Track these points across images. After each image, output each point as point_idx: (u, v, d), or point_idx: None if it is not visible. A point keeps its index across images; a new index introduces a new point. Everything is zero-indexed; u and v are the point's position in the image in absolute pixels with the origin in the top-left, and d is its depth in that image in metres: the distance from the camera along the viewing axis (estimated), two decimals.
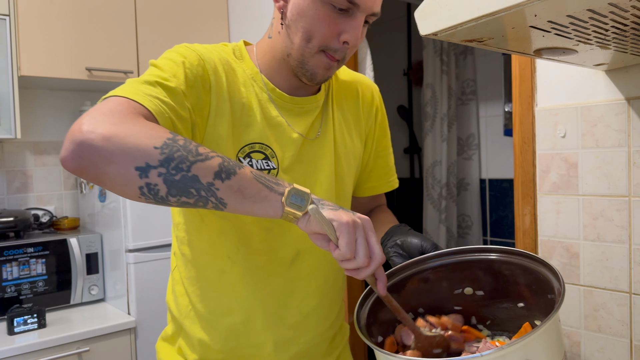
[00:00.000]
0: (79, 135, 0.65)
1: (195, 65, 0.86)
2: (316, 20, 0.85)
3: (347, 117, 1.04)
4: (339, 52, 0.88)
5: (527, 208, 1.40)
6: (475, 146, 3.05)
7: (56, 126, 2.39)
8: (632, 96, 1.20)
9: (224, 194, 0.69)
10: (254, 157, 0.90)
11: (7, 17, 1.93)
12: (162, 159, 0.66)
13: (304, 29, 0.86)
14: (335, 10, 0.85)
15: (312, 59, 0.88)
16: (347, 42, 0.87)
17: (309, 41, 0.87)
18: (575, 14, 0.70)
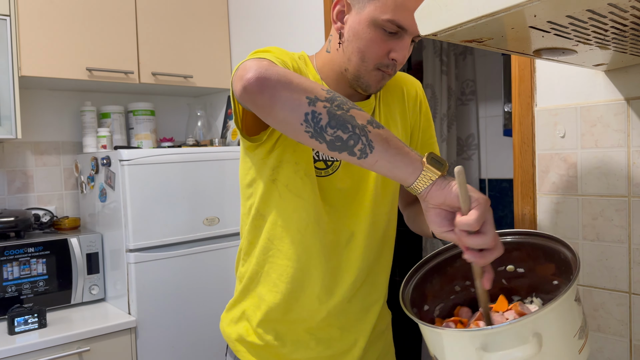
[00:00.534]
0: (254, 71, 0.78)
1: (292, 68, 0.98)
2: (369, 42, 0.97)
3: (394, 113, 1.14)
4: (390, 67, 1.00)
5: (527, 208, 1.40)
6: (474, 146, 3.05)
7: (56, 126, 2.39)
8: (632, 96, 1.20)
9: (374, 138, 0.77)
10: None
11: (7, 18, 1.94)
12: (328, 96, 0.79)
13: (359, 50, 0.98)
14: (386, 33, 0.96)
15: (367, 75, 1.00)
16: (395, 59, 0.98)
17: (364, 60, 0.99)
18: (574, 15, 0.70)
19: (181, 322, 2.05)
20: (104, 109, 2.38)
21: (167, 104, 2.75)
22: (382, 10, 0.94)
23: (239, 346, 1.13)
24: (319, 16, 2.11)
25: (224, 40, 2.58)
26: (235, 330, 1.14)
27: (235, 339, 1.14)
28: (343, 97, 0.81)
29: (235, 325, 1.15)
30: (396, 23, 0.94)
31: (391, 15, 0.93)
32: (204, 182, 2.12)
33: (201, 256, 2.11)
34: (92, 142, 2.29)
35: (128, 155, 1.94)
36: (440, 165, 0.76)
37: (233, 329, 1.15)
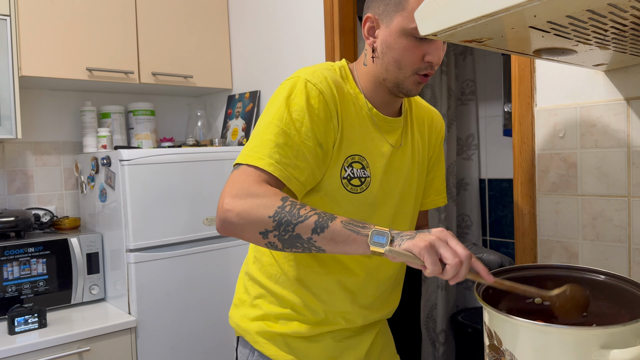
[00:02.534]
0: (222, 213, 0.94)
1: (318, 102, 1.02)
2: (403, 51, 1.03)
3: (423, 133, 1.23)
4: (427, 69, 1.05)
5: (527, 208, 1.40)
6: (474, 146, 3.05)
7: (57, 126, 2.39)
8: (631, 96, 1.20)
9: (321, 244, 0.90)
10: (354, 166, 1.08)
11: (7, 18, 1.94)
12: (274, 225, 0.91)
13: (394, 59, 1.04)
14: (417, 40, 1.01)
15: (406, 81, 1.06)
16: (431, 62, 1.03)
17: (401, 68, 1.04)
18: (574, 15, 0.70)
19: (181, 322, 2.05)
20: (104, 109, 2.38)
21: (167, 104, 2.76)
22: (409, 19, 1.00)
23: (259, 338, 1.16)
24: (319, 16, 2.11)
25: (224, 40, 2.58)
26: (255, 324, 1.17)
27: (256, 332, 1.16)
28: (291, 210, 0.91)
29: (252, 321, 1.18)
30: None
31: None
32: (204, 182, 2.13)
33: (201, 256, 2.12)
34: (92, 142, 2.29)
35: (128, 155, 1.94)
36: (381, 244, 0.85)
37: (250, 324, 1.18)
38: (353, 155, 1.07)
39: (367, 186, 1.09)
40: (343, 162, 1.06)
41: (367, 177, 1.09)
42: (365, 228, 0.88)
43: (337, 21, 2.05)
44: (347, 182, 1.07)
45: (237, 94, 2.57)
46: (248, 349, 1.18)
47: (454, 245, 0.84)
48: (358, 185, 1.08)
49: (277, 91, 1.06)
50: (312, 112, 1.01)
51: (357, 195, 1.08)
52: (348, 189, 1.07)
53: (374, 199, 1.10)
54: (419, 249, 0.82)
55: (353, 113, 1.08)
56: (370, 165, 1.09)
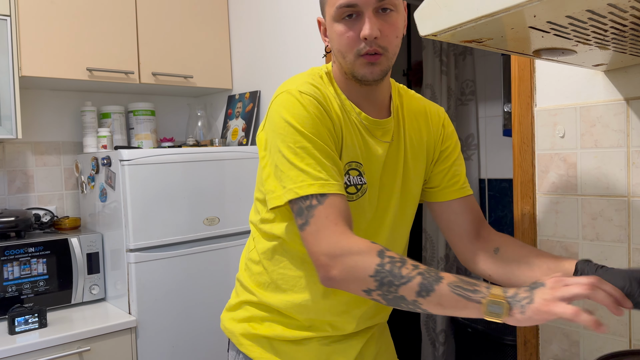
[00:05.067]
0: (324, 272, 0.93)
1: (317, 110, 1.00)
2: (339, 38, 1.01)
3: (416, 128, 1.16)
4: (366, 48, 0.98)
5: (527, 208, 1.40)
6: (474, 146, 3.05)
7: (57, 126, 2.39)
8: (631, 96, 1.21)
9: (427, 307, 0.85)
10: (351, 174, 1.05)
11: (7, 18, 1.94)
12: (377, 284, 0.88)
13: (337, 50, 1.03)
14: (347, 21, 0.99)
15: (354, 66, 1.01)
16: (366, 37, 0.97)
17: (344, 56, 1.02)
18: (574, 15, 0.70)
19: (181, 321, 2.05)
20: (104, 109, 2.38)
21: (167, 104, 2.76)
22: (331, 4, 1.00)
23: (243, 340, 1.16)
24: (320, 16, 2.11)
25: (224, 40, 2.58)
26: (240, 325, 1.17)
27: (241, 333, 1.16)
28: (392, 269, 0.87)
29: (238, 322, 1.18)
30: (343, 5, 0.97)
31: (337, 2, 0.98)
32: (204, 182, 2.13)
33: (201, 256, 2.12)
34: (93, 142, 2.29)
35: (128, 155, 1.94)
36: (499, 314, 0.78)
37: (236, 325, 1.18)
38: (351, 162, 1.05)
39: (362, 193, 1.07)
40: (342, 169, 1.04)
41: (363, 184, 1.06)
42: (477, 292, 0.80)
43: None
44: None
45: (237, 94, 2.57)
46: (235, 351, 1.18)
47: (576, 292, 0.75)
48: (353, 193, 1.05)
49: (276, 109, 1.02)
50: (320, 119, 1.00)
51: (351, 203, 1.05)
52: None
53: (369, 205, 1.08)
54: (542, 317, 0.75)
55: (346, 119, 1.05)
56: (366, 171, 1.07)
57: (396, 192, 1.12)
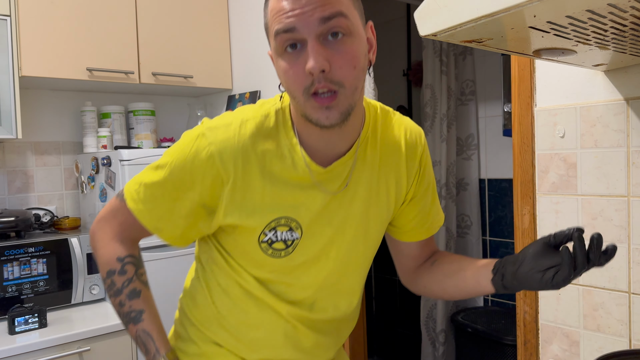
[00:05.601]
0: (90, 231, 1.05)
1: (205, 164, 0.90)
2: (284, 74, 0.83)
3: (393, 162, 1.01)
4: (316, 86, 0.81)
5: (526, 208, 1.40)
6: (474, 146, 3.05)
7: (57, 126, 2.39)
8: (631, 96, 1.21)
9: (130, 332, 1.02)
10: (279, 229, 0.93)
11: (7, 18, 1.94)
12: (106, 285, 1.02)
13: (286, 88, 0.86)
14: (290, 54, 0.82)
15: (306, 109, 0.84)
16: (311, 71, 0.79)
17: (294, 96, 0.84)
18: (574, 15, 0.70)
19: None
20: (104, 109, 2.38)
21: (167, 104, 2.76)
22: (271, 35, 0.84)
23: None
24: None
25: (224, 40, 2.58)
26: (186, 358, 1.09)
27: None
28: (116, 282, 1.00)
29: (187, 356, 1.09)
30: (282, 30, 0.80)
31: (274, 29, 0.81)
32: None
33: None
34: (93, 142, 2.29)
35: (128, 155, 1.94)
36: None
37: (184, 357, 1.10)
38: (278, 218, 0.92)
39: (294, 249, 0.94)
40: (264, 227, 0.92)
41: (295, 239, 0.93)
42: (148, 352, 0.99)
43: None
44: (267, 245, 0.93)
45: (237, 94, 2.57)
46: None
47: None
48: (282, 249, 0.94)
49: (183, 136, 0.95)
50: (195, 172, 0.90)
51: (279, 259, 0.94)
52: (268, 253, 0.94)
53: (304, 261, 0.96)
54: None
55: (282, 171, 0.91)
56: (302, 224, 0.93)
57: (346, 241, 0.98)
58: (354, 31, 0.82)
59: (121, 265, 0.99)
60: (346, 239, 0.98)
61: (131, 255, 1.01)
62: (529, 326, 1.41)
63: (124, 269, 1.00)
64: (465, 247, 3.09)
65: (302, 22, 0.79)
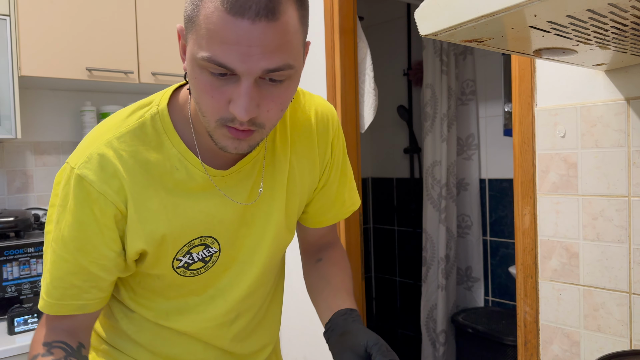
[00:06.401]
0: None
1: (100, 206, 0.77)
2: (201, 91, 0.70)
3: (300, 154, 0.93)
4: (234, 122, 0.71)
5: (527, 208, 1.40)
6: (475, 146, 3.05)
7: (56, 126, 2.39)
8: (632, 96, 1.20)
9: None
10: (193, 252, 0.85)
11: (7, 17, 1.94)
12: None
13: (196, 100, 0.73)
14: (215, 77, 0.68)
15: (215, 132, 0.73)
16: (234, 115, 0.69)
17: (204, 114, 0.72)
18: (575, 14, 0.70)
19: None
20: (104, 109, 2.38)
21: None
22: (198, 44, 0.67)
23: None
24: (319, 16, 2.11)
25: None
26: None
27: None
28: None
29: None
30: (215, 62, 0.66)
31: (206, 51, 0.66)
32: None
33: None
34: None
35: None
36: None
37: None
38: (191, 241, 0.84)
39: (214, 262, 0.88)
40: (175, 254, 0.84)
41: (213, 254, 0.86)
42: None
43: (337, 21, 2.05)
44: (184, 269, 0.86)
45: None
46: None
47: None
48: (201, 267, 0.87)
49: (55, 187, 0.82)
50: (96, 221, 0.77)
51: (201, 275, 0.88)
52: (187, 275, 0.87)
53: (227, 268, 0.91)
54: None
55: (178, 184, 0.81)
56: (218, 238, 0.86)
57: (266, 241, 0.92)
58: (294, 75, 0.72)
59: (47, 349, 0.79)
60: (268, 239, 0.91)
61: (62, 341, 0.81)
62: (530, 326, 1.41)
63: (51, 351, 0.79)
64: (466, 247, 3.09)
65: (243, 65, 0.66)
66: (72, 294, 0.81)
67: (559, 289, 1.35)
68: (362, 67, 2.21)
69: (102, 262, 0.80)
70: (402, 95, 3.50)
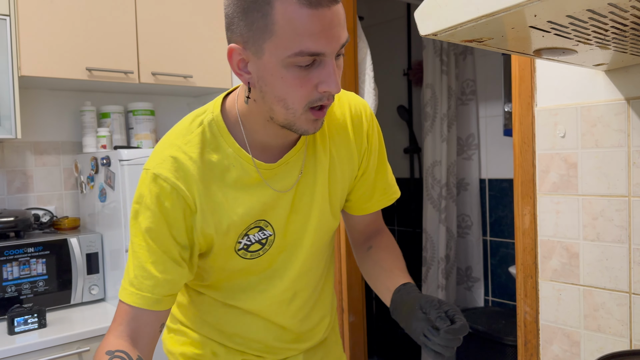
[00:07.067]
0: None
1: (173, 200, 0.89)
2: (286, 87, 0.81)
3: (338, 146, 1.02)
4: (322, 100, 0.83)
5: (527, 208, 1.40)
6: (475, 146, 3.05)
7: (56, 126, 2.39)
8: (632, 96, 1.20)
9: None
10: (250, 233, 0.96)
11: (7, 17, 1.94)
12: None
13: (278, 99, 0.83)
14: (302, 69, 0.79)
15: (299, 120, 0.85)
16: (327, 91, 0.81)
17: (288, 108, 0.83)
18: (574, 14, 0.70)
19: None
20: (104, 108, 2.38)
21: (167, 104, 2.75)
22: (283, 46, 0.78)
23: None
24: None
25: (224, 40, 2.57)
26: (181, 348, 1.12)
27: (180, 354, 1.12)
28: None
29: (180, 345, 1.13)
30: (306, 52, 0.77)
31: (296, 48, 0.77)
32: None
33: None
34: (92, 142, 2.29)
35: (128, 155, 1.94)
36: None
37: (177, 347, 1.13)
38: (247, 227, 0.95)
39: (270, 245, 0.98)
40: (237, 237, 0.95)
41: (268, 236, 0.97)
42: None
43: None
44: (244, 251, 0.97)
45: None
46: None
47: None
48: (259, 249, 0.97)
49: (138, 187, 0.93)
50: (167, 215, 0.89)
51: (260, 258, 0.99)
52: (247, 257, 0.98)
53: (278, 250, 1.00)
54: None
55: (236, 180, 0.93)
56: (271, 222, 0.96)
57: (312, 225, 1.01)
58: None
59: (109, 358, 0.85)
60: (313, 223, 1.01)
61: (124, 352, 0.86)
62: (530, 326, 1.41)
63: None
64: (466, 247, 3.09)
65: (330, 47, 0.79)
66: (149, 285, 0.89)
67: (559, 289, 1.35)
68: (362, 67, 2.21)
69: (173, 253, 0.90)
70: (402, 95, 3.50)
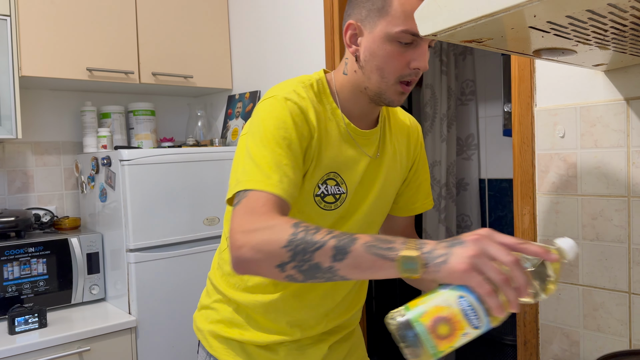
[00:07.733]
0: (235, 251, 0.85)
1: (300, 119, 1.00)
2: (387, 58, 0.99)
3: (402, 141, 1.19)
4: (411, 76, 1.01)
5: (526, 208, 1.40)
6: (474, 146, 3.05)
7: (57, 126, 2.39)
8: (631, 96, 1.21)
9: (344, 272, 0.79)
10: (329, 183, 1.05)
11: (7, 18, 1.94)
12: (290, 255, 0.81)
13: (377, 67, 1.00)
14: (402, 45, 0.98)
15: (389, 90, 1.02)
16: (418, 68, 0.99)
17: (383, 76, 1.01)
18: (574, 15, 0.70)
19: (181, 321, 2.05)
20: (104, 109, 2.38)
21: (167, 104, 2.76)
22: (394, 23, 0.97)
23: (213, 342, 1.17)
24: (319, 16, 2.11)
25: (224, 40, 2.58)
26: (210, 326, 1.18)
27: (211, 335, 1.17)
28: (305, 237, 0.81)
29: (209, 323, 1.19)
30: (410, 32, 0.96)
31: (403, 26, 0.96)
32: (204, 182, 2.13)
33: (201, 256, 2.12)
34: (93, 142, 2.29)
35: (128, 155, 1.94)
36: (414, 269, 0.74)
37: (207, 326, 1.19)
38: (329, 172, 1.05)
39: (341, 202, 1.07)
40: (318, 180, 1.04)
41: (342, 194, 1.07)
42: (391, 250, 0.75)
43: (337, 21, 2.05)
44: (320, 199, 1.05)
45: (237, 94, 2.57)
46: (205, 353, 1.18)
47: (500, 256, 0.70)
48: (332, 202, 1.06)
49: (257, 111, 1.02)
50: (296, 128, 0.99)
51: (328, 212, 1.06)
52: (321, 206, 1.05)
53: (345, 212, 1.09)
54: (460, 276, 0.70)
55: (330, 129, 1.06)
56: (345, 180, 1.07)
57: (371, 202, 1.12)
58: None
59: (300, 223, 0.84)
60: (371, 198, 1.12)
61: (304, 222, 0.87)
62: (529, 326, 1.41)
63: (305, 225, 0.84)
64: None
65: None
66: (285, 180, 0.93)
67: (558, 289, 1.35)
68: None
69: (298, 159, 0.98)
70: None
